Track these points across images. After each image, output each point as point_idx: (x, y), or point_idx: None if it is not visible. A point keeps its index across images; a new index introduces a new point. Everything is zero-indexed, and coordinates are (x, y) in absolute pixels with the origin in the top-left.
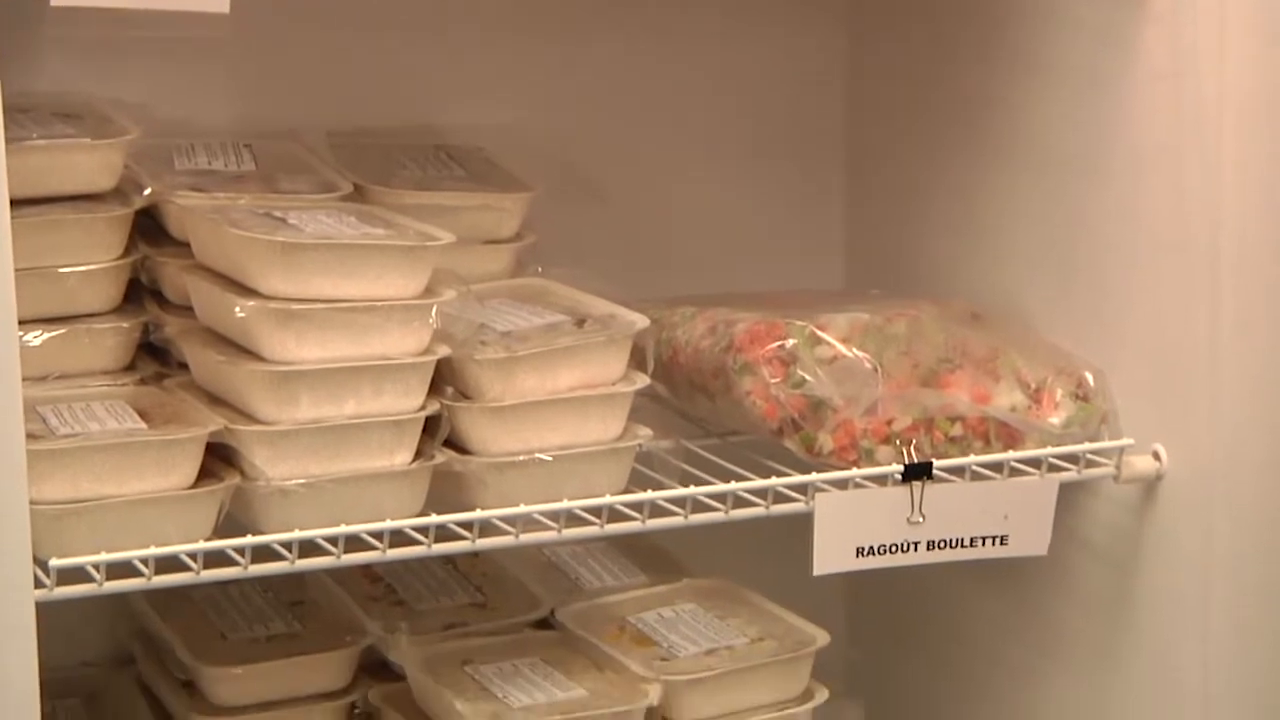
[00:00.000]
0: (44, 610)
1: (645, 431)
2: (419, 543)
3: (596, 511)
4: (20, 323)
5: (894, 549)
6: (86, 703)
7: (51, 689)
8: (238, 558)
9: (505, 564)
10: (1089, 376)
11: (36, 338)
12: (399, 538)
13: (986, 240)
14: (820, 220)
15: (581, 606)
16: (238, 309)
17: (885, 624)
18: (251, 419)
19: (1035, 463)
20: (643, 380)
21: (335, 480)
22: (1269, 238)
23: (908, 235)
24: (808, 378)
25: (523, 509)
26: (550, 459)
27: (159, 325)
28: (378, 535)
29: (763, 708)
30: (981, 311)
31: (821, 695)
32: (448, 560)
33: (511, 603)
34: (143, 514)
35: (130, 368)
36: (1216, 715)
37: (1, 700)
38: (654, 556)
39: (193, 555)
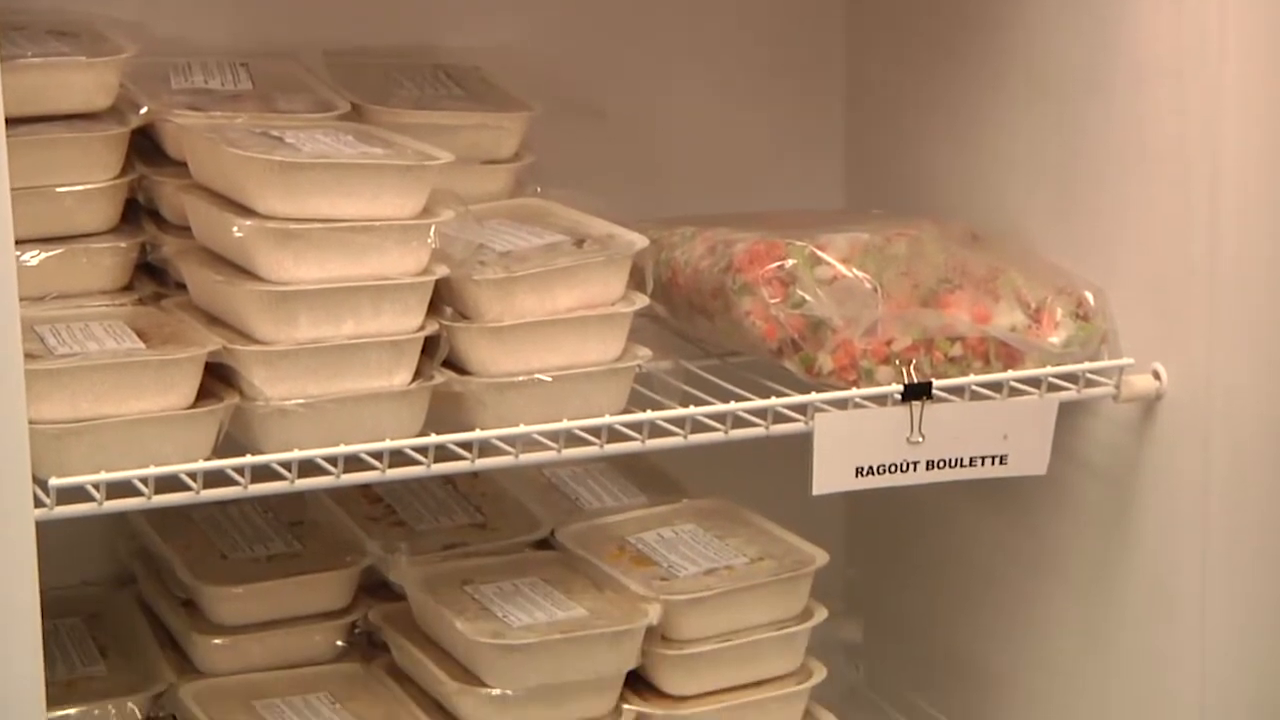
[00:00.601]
0: (44, 529)
1: (644, 352)
2: (418, 463)
3: (596, 432)
4: (17, 243)
5: (893, 469)
6: (88, 621)
7: (52, 608)
8: (237, 477)
9: (505, 485)
10: (1089, 296)
11: (34, 258)
12: (398, 458)
13: (986, 160)
14: (820, 140)
15: (581, 527)
16: (235, 229)
17: (884, 544)
18: (250, 339)
19: (1035, 382)
20: (642, 300)
21: (334, 400)
22: (1269, 157)
23: (908, 155)
24: (807, 298)
25: (522, 429)
26: (549, 379)
27: (156, 245)
28: (377, 455)
29: (762, 627)
30: (981, 232)
31: (820, 614)
32: (447, 481)
33: (511, 523)
34: (142, 434)
35: (128, 288)
36: (1212, 634)
37: (3, 619)
38: (653, 477)
39: (192, 475)
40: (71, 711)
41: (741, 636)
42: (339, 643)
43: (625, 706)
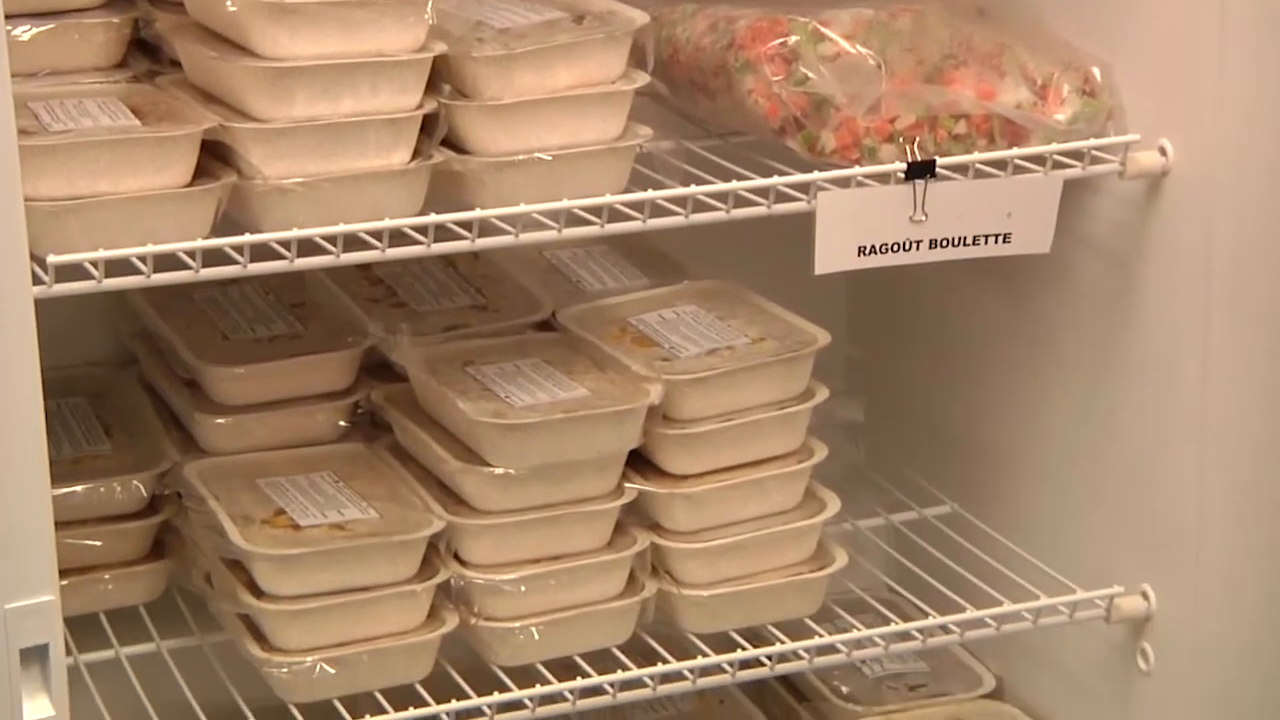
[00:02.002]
0: (44, 308)
1: (645, 131)
2: (418, 242)
3: (596, 211)
4: (6, 17)
5: (896, 248)
6: (92, 401)
7: (55, 388)
8: (236, 256)
9: (506, 267)
10: (1096, 72)
11: (25, 32)
12: (398, 238)
13: None
14: None
15: (582, 308)
16: (229, 2)
17: (886, 323)
18: (246, 117)
19: (1039, 160)
20: (642, 79)
21: (332, 179)
22: None
23: None
24: (810, 75)
25: (522, 208)
26: (549, 158)
27: (149, 21)
28: (377, 235)
29: (763, 406)
30: (987, 6)
31: (822, 394)
32: (448, 263)
33: (512, 304)
34: (139, 211)
35: (122, 65)
36: (1213, 413)
37: (5, 396)
38: (655, 259)
39: (191, 253)
40: (78, 488)
41: (743, 416)
42: (341, 423)
43: (627, 485)
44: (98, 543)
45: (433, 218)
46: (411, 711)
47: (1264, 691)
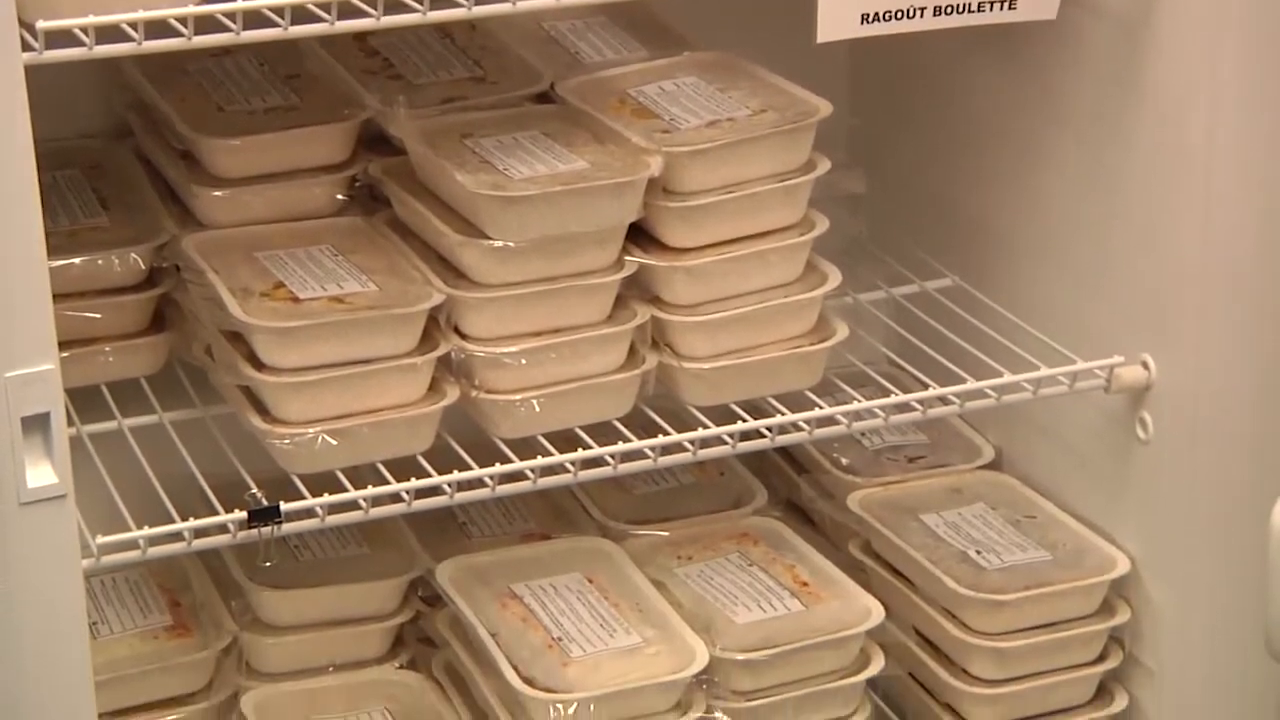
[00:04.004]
0: (35, 77)
1: None
2: (414, 9)
3: None
4: None
5: (900, 15)
6: (87, 173)
7: (50, 160)
8: (229, 24)
9: (504, 39)
10: None
11: None
12: (394, 5)
13: None
14: None
15: (581, 80)
16: None
17: (888, 94)
18: None
19: None
20: None
21: None
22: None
23: None
24: None
25: None
26: None
27: None
28: (371, 2)
29: (764, 178)
30: None
31: (823, 166)
32: (445, 34)
33: (511, 76)
34: None
35: None
36: (1218, 183)
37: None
38: (655, 31)
39: (183, 20)
40: (76, 261)
41: (743, 188)
42: (339, 196)
43: (627, 259)
44: (97, 315)
45: None
46: (414, 482)
47: (1261, 458)
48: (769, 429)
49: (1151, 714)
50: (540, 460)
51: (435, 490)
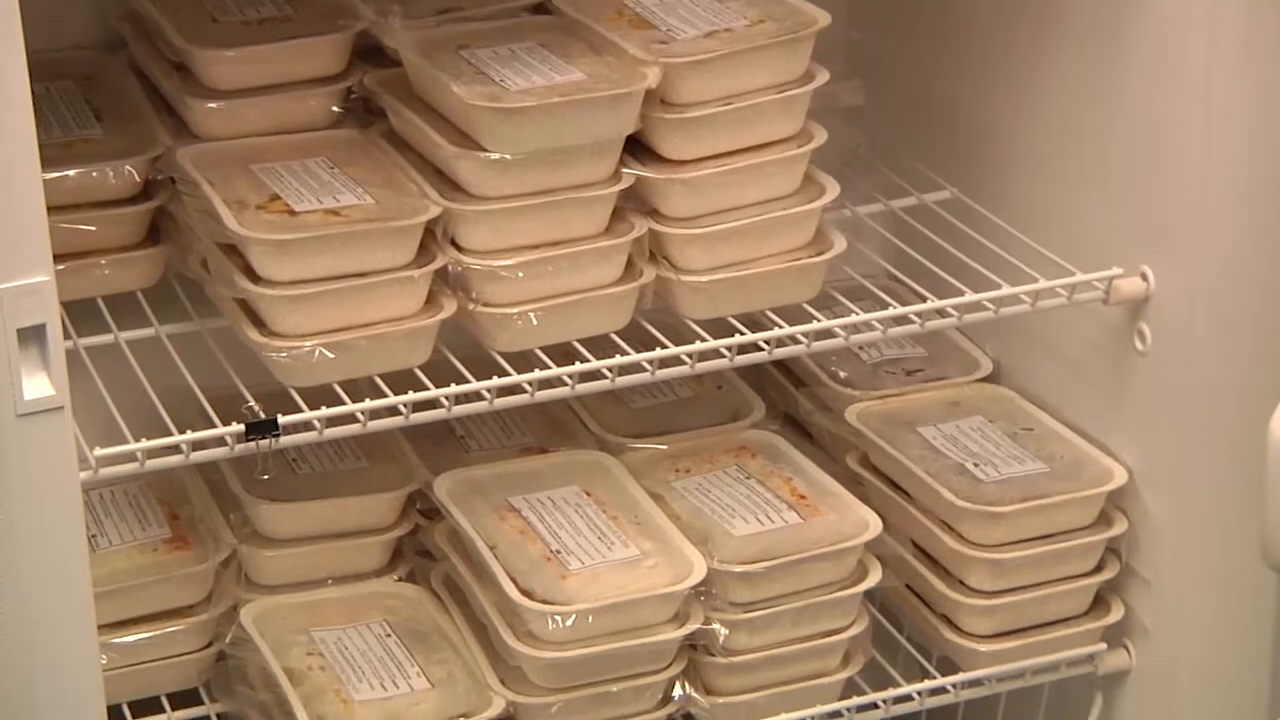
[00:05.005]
0: None
1: None
2: None
3: None
4: None
5: None
6: (81, 85)
7: (42, 71)
8: None
9: None
10: None
11: None
12: None
13: None
14: None
15: None
16: None
17: (888, 5)
18: None
19: None
20: None
21: None
22: None
23: None
24: None
25: None
26: None
27: None
28: None
29: (762, 90)
30: None
31: (822, 77)
32: None
33: None
34: None
35: None
36: (1218, 93)
37: None
38: None
39: None
40: (70, 173)
41: (741, 100)
42: (335, 108)
43: (624, 171)
44: (92, 228)
45: None
46: (411, 395)
47: (1258, 369)
48: (767, 342)
49: (1148, 624)
50: (538, 373)
51: (433, 403)
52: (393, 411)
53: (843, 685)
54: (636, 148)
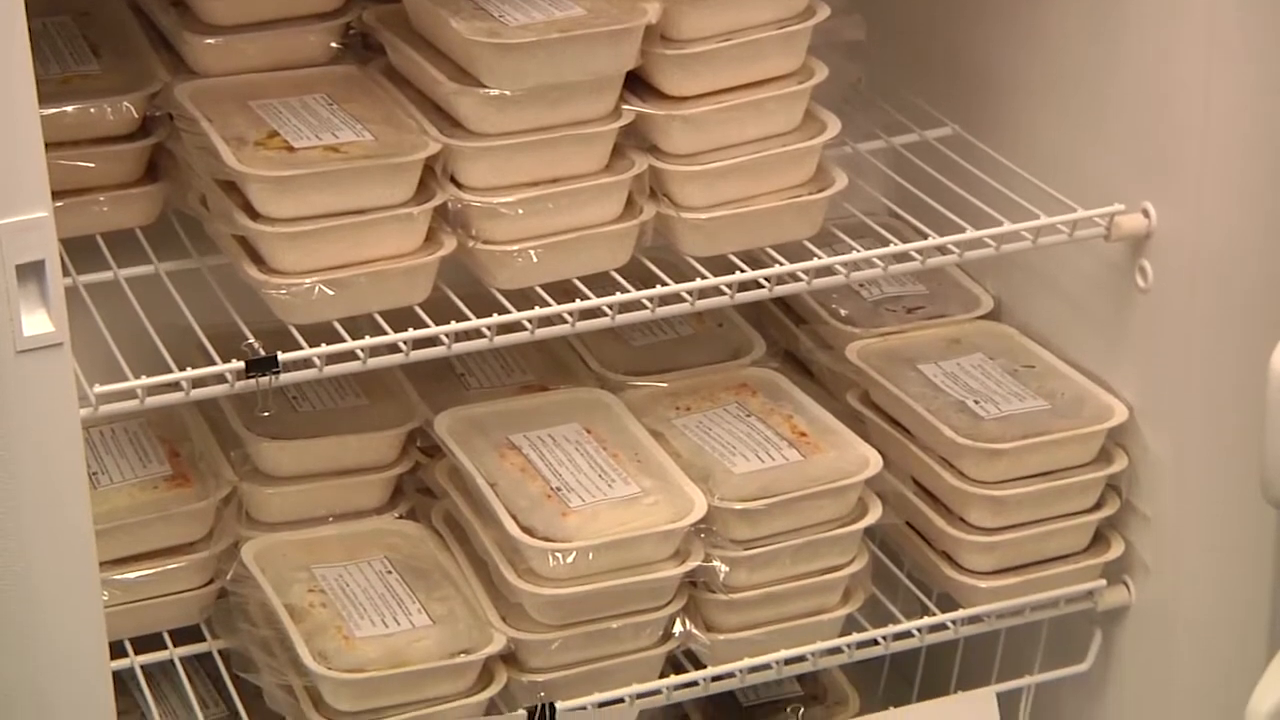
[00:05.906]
0: None
1: None
2: None
3: None
4: None
5: None
6: (78, 20)
7: (40, 6)
8: None
9: None
10: None
11: None
12: None
13: None
14: None
15: None
16: None
17: None
18: None
19: None
20: None
21: None
22: None
23: None
24: None
25: None
26: None
27: None
28: None
29: (763, 25)
30: None
31: (823, 13)
32: None
33: None
34: None
35: None
36: (1220, 28)
37: None
38: None
39: None
40: (68, 109)
41: (742, 35)
42: (333, 44)
43: (624, 107)
44: (90, 164)
45: None
46: (411, 333)
47: (1260, 306)
48: (767, 279)
49: (1148, 560)
50: (537, 311)
51: (433, 341)
52: (393, 349)
53: (843, 622)
54: (636, 84)
